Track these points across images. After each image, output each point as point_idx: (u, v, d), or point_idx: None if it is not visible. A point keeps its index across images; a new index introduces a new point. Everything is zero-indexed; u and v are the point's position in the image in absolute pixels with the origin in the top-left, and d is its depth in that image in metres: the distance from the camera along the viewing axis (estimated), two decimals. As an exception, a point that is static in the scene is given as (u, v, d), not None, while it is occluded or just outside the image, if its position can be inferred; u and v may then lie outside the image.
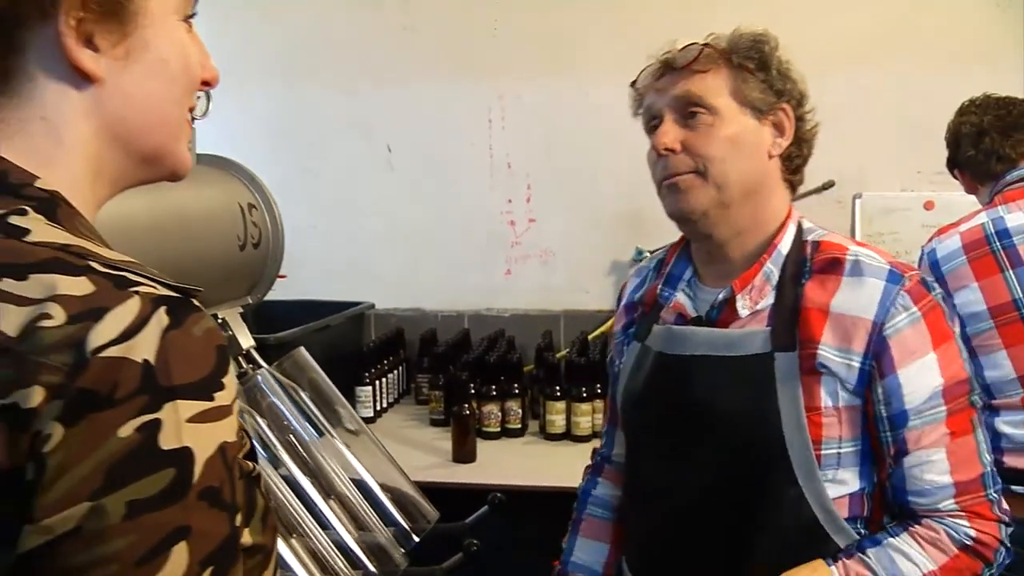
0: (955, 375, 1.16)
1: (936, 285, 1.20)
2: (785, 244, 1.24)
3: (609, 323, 2.96)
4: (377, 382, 2.70)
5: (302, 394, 1.61)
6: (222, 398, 0.61)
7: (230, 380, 0.63)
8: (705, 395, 1.22)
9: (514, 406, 2.51)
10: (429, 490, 2.05)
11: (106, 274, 0.60)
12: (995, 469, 1.19)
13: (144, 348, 0.57)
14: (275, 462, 1.44)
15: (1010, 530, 1.17)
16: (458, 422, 2.32)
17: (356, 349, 2.85)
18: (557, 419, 2.47)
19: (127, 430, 0.56)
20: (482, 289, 3.11)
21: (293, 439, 1.54)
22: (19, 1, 0.64)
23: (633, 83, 1.31)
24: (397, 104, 3.09)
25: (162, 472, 0.57)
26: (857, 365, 1.15)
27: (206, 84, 0.79)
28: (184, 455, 0.58)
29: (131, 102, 0.71)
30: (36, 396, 0.55)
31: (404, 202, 3.12)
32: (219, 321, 1.54)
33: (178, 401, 0.58)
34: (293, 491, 1.39)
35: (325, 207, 3.13)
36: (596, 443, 1.57)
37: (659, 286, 1.35)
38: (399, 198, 3.12)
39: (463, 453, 2.31)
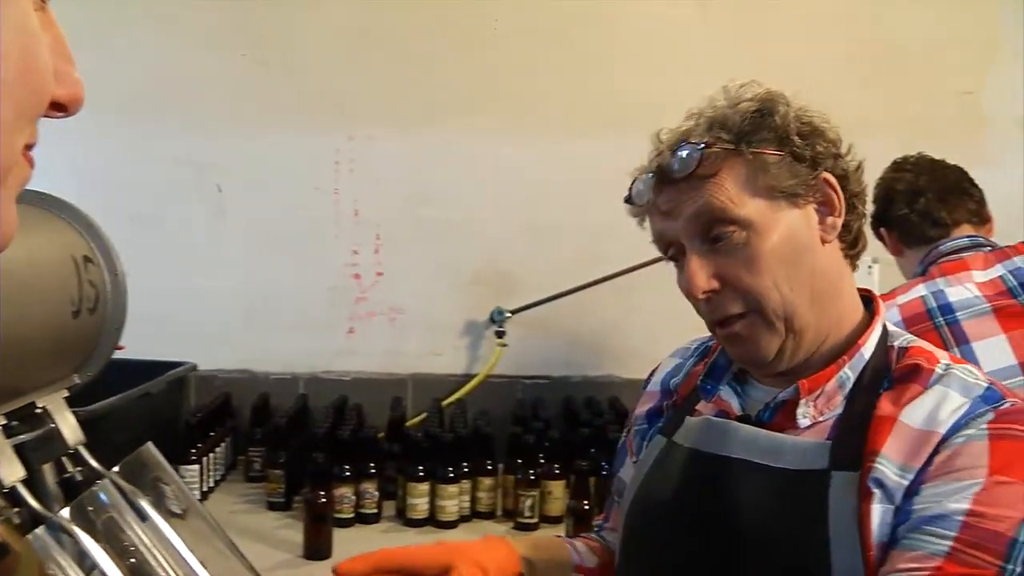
0: (997, 523, 0.84)
1: None
2: (869, 346, 1.01)
3: (464, 390, 2.71)
4: (204, 458, 2.31)
5: (143, 503, 1.26)
6: None
7: None
8: (740, 507, 0.97)
9: (370, 488, 2.18)
10: (281, 597, 1.72)
11: None
12: None
13: None
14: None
15: None
16: (312, 511, 1.97)
17: (177, 418, 2.45)
18: (419, 502, 2.17)
19: None
20: (320, 349, 2.77)
21: (135, 562, 1.19)
22: None
23: (627, 198, 1.04)
24: (231, 142, 2.72)
25: None
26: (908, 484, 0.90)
27: (59, 109, 0.50)
28: None
29: None
30: None
31: (233, 247, 2.74)
32: (38, 411, 1.17)
33: None
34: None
35: (145, 254, 2.70)
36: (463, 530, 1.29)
37: (700, 376, 1.11)
38: (228, 243, 2.74)
39: (317, 548, 1.96)
